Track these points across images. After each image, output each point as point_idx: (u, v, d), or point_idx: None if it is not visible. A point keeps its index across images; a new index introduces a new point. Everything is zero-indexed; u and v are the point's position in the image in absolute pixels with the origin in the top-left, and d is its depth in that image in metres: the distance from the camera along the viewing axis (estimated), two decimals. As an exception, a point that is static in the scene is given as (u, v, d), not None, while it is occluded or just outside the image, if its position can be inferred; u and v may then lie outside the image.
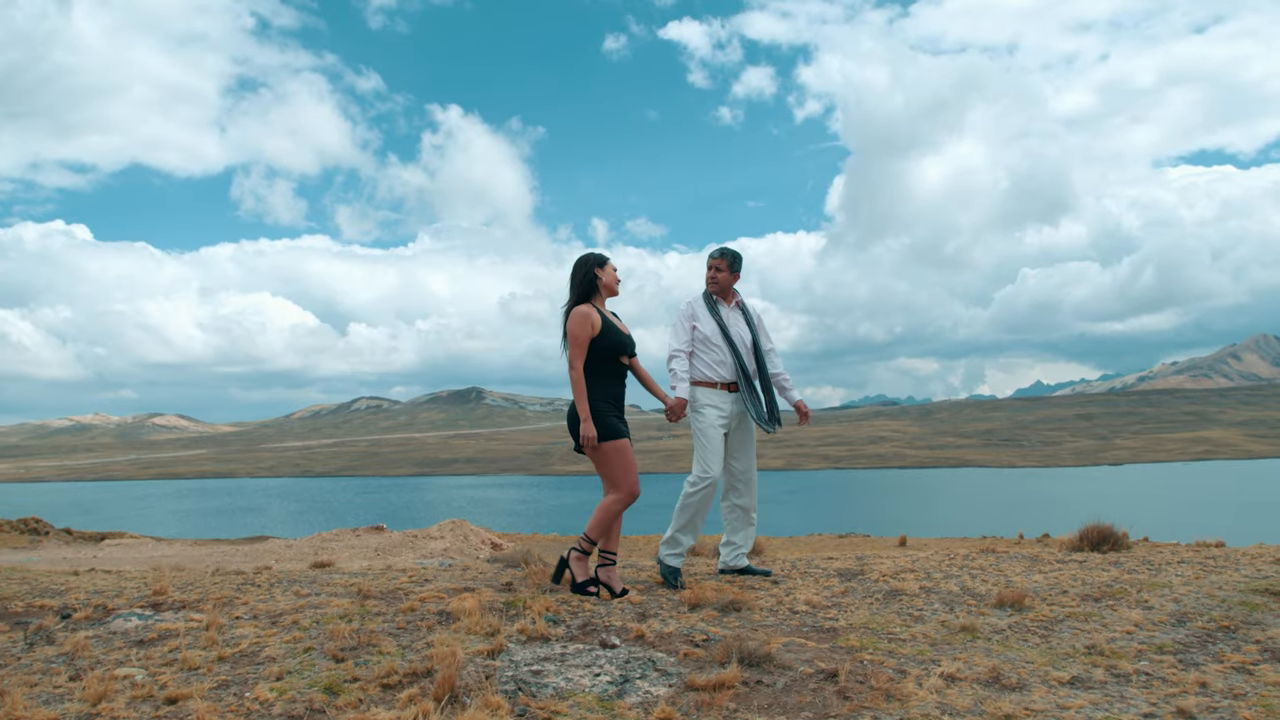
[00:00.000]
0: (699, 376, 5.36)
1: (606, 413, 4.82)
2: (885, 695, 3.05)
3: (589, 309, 4.88)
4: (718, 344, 5.35)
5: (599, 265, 5.03)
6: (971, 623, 3.94)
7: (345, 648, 3.62)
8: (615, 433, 4.80)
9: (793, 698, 3.06)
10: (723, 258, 5.45)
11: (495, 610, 4.20)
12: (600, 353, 4.85)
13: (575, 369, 4.81)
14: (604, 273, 5.03)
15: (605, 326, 4.88)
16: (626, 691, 3.13)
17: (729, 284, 5.50)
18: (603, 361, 4.88)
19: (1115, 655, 3.48)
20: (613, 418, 4.84)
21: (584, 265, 5.01)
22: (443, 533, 25.52)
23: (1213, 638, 3.71)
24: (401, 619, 4.11)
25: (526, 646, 3.65)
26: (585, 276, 4.99)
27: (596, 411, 4.79)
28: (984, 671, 3.29)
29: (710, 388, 5.34)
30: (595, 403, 4.81)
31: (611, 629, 3.93)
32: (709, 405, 5.30)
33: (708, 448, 5.22)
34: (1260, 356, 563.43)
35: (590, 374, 4.84)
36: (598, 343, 4.84)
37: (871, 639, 3.77)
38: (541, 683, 3.20)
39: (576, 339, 4.81)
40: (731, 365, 5.35)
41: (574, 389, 4.81)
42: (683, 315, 5.43)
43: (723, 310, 5.45)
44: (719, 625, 4.02)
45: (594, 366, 4.86)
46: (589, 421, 4.74)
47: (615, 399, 4.93)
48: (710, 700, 3.00)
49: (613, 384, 4.93)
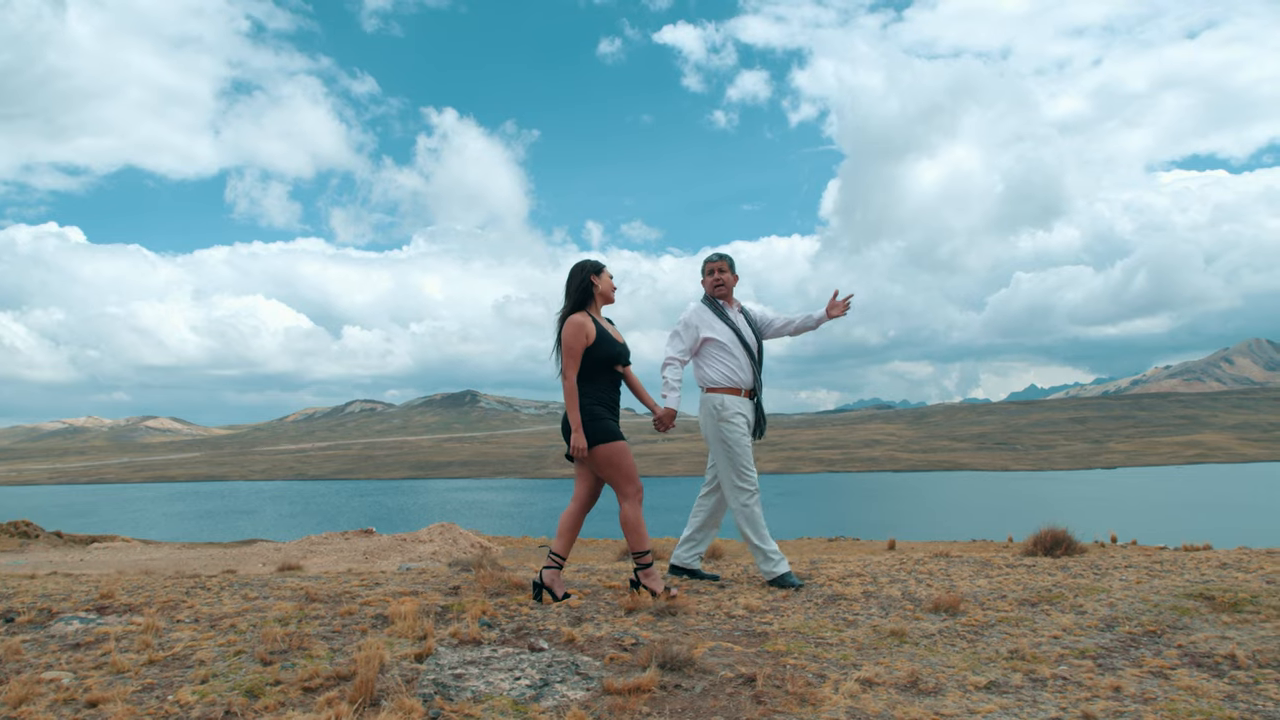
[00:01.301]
0: (724, 384, 5.26)
1: (603, 416, 4.82)
2: (799, 700, 3.08)
3: (584, 318, 4.86)
4: (736, 351, 5.28)
5: (595, 273, 5.01)
6: (902, 628, 3.97)
7: (275, 651, 3.63)
8: (613, 435, 4.80)
9: (708, 702, 3.09)
10: (723, 260, 5.41)
11: (432, 614, 4.22)
12: (595, 362, 4.86)
13: (568, 379, 4.81)
14: (600, 280, 5.01)
15: (600, 337, 4.87)
16: (544, 695, 3.15)
17: (733, 286, 5.44)
18: (598, 370, 4.89)
19: (1036, 660, 3.51)
20: (610, 420, 4.85)
21: (580, 272, 5.00)
22: (432, 536, 25.52)
23: (1137, 642, 3.74)
24: (339, 622, 4.13)
25: (457, 650, 3.67)
26: (581, 284, 4.97)
27: (593, 415, 4.79)
28: (903, 676, 3.32)
29: (735, 395, 5.26)
30: (591, 406, 4.81)
31: (544, 633, 3.95)
32: (739, 414, 5.23)
33: (745, 454, 5.18)
34: (1253, 360, 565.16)
35: (585, 380, 4.85)
36: (592, 353, 4.84)
37: (799, 643, 3.79)
38: (461, 686, 3.22)
39: (570, 349, 4.81)
40: (750, 371, 5.30)
41: (566, 399, 4.82)
42: (687, 323, 5.33)
43: (730, 314, 5.38)
44: (652, 629, 4.04)
45: (588, 374, 4.86)
46: (579, 432, 4.75)
47: (611, 404, 4.93)
48: (624, 704, 3.02)
49: (608, 389, 4.93)
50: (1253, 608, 4.15)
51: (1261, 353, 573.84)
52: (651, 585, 4.80)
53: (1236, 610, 4.16)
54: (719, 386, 5.27)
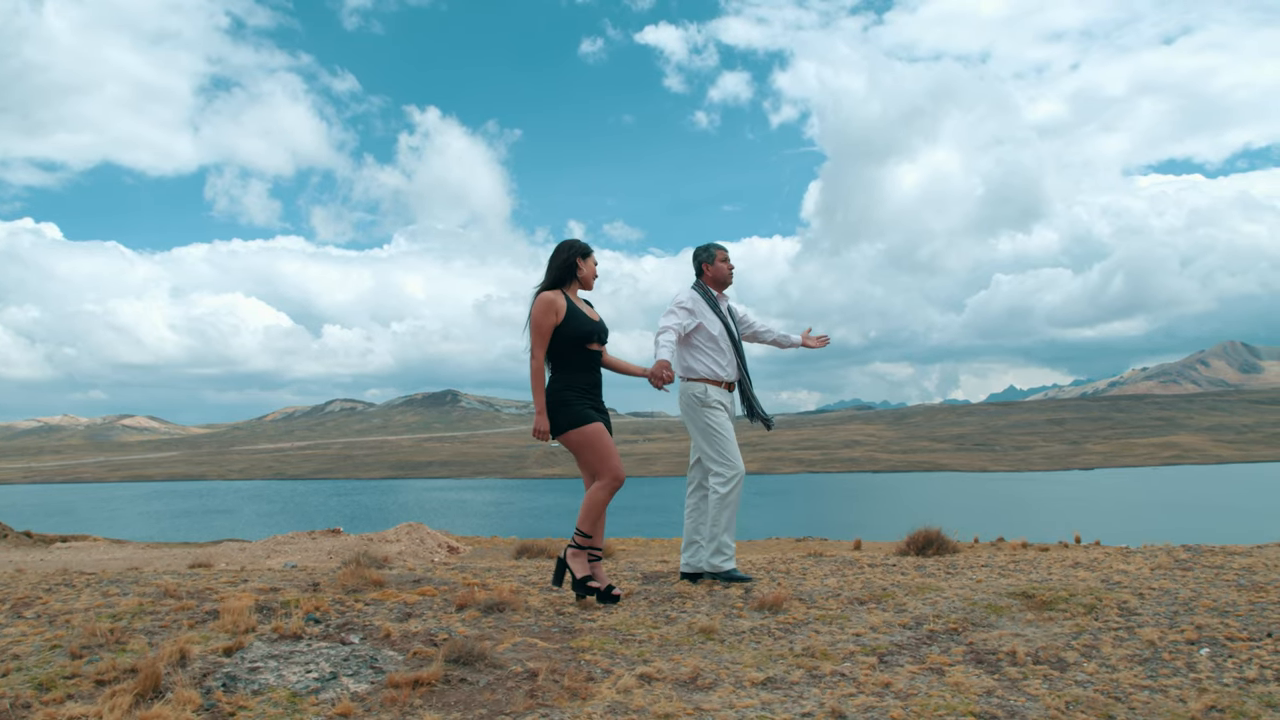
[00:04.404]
0: (706, 374, 5.26)
1: (575, 401, 4.66)
2: (571, 694, 3.18)
3: (556, 295, 4.69)
4: (724, 344, 5.30)
5: (582, 255, 4.84)
6: (714, 625, 4.08)
7: (90, 645, 3.70)
8: (584, 419, 4.63)
9: (483, 695, 3.19)
10: (727, 250, 5.43)
11: (264, 609, 4.29)
12: (566, 340, 4.67)
13: (535, 358, 4.66)
14: (585, 264, 4.84)
15: (571, 313, 4.69)
16: (327, 688, 3.24)
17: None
18: (571, 350, 4.70)
19: (824, 657, 3.63)
20: (583, 405, 4.67)
21: (566, 250, 4.82)
22: (399, 536, 25.46)
23: (933, 640, 3.87)
24: (169, 618, 4.20)
25: (273, 644, 3.75)
26: (565, 262, 4.79)
27: (562, 400, 4.63)
28: (686, 672, 3.42)
29: (718, 385, 5.28)
30: (562, 392, 4.65)
31: (369, 628, 4.04)
32: (720, 403, 5.25)
33: (728, 441, 5.17)
34: (1228, 363, 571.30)
35: (558, 363, 4.71)
36: (562, 330, 4.65)
37: (604, 640, 3.90)
38: (252, 679, 3.30)
39: (539, 326, 4.63)
40: (734, 365, 5.33)
41: (532, 379, 4.67)
42: (683, 304, 5.28)
43: (722, 308, 5.40)
44: (474, 626, 4.13)
45: (562, 355, 4.70)
46: (543, 414, 4.63)
47: (586, 388, 4.75)
48: (396, 697, 3.11)
49: (583, 372, 4.75)
50: (1064, 607, 4.29)
51: (1236, 355, 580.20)
52: (575, 567, 4.64)
53: (1048, 609, 4.30)
54: (701, 376, 5.27)
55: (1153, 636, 3.77)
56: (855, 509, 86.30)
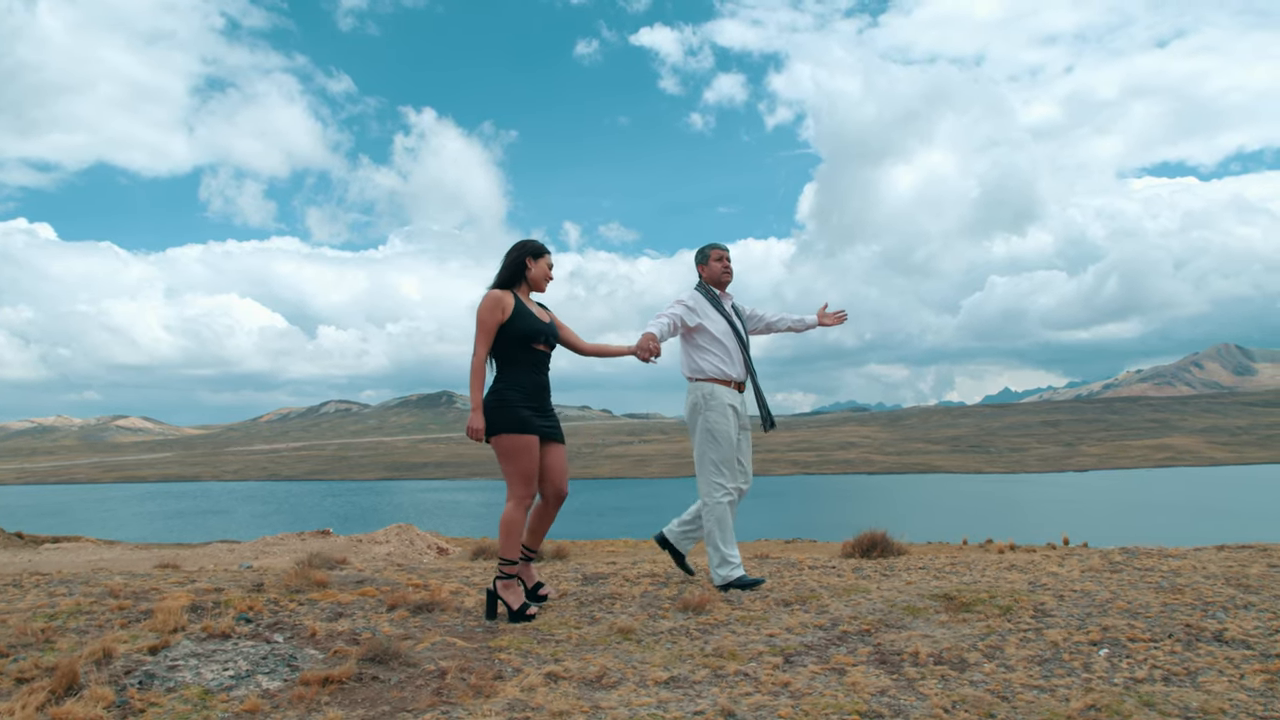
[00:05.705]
0: (714, 374, 5.20)
1: (516, 403, 4.53)
2: (475, 692, 3.28)
3: (502, 294, 4.62)
4: (728, 343, 5.26)
5: (533, 255, 4.75)
6: (634, 625, 4.18)
7: (18, 645, 3.79)
8: (519, 426, 4.51)
9: (391, 693, 3.29)
10: (727, 249, 5.42)
11: (197, 609, 4.39)
12: (512, 340, 4.58)
13: (477, 355, 4.54)
14: (535, 265, 4.75)
15: (518, 311, 4.61)
16: (240, 685, 3.34)
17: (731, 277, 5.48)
18: (517, 349, 4.61)
19: (732, 657, 3.72)
20: (523, 409, 4.54)
21: (517, 250, 4.76)
22: (388, 537, 25.52)
23: (845, 640, 3.96)
24: (104, 617, 4.29)
25: (201, 643, 3.84)
26: (515, 261, 4.73)
27: (505, 401, 4.51)
28: (593, 672, 3.52)
29: (726, 385, 5.21)
30: (504, 392, 4.54)
31: (296, 627, 4.13)
32: (729, 405, 5.18)
33: (728, 449, 5.13)
34: (1222, 365, 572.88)
35: (504, 362, 4.62)
36: (507, 329, 4.57)
37: (524, 640, 4.00)
38: (169, 677, 3.40)
39: (482, 323, 4.53)
40: (741, 364, 5.29)
41: (471, 376, 4.54)
42: (683, 301, 5.26)
43: (726, 307, 5.37)
44: (401, 625, 4.23)
45: (507, 354, 4.61)
46: (477, 412, 4.50)
47: (532, 389, 4.63)
48: (305, 694, 3.21)
49: (528, 372, 4.63)
50: (980, 609, 4.39)
51: (1230, 357, 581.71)
52: (508, 599, 4.46)
53: (965, 610, 4.39)
54: (708, 376, 5.22)
55: (1058, 638, 3.86)
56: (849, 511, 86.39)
